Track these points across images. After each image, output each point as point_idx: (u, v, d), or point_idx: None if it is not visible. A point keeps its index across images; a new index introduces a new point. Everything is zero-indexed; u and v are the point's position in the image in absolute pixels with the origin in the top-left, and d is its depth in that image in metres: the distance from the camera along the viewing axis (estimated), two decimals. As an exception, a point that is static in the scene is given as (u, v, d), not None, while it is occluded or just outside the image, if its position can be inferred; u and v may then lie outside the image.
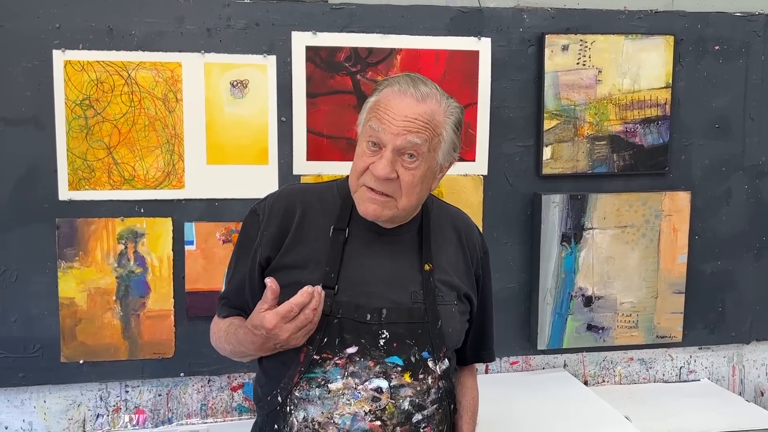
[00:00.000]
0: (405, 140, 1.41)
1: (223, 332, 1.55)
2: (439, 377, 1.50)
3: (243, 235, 1.58)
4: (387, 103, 1.43)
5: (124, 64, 2.12)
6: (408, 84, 1.45)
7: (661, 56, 2.41)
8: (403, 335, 1.47)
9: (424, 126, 1.42)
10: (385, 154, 1.41)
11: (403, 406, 1.44)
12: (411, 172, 1.43)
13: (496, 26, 2.32)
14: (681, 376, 2.63)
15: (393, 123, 1.41)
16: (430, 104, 1.44)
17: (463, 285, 1.60)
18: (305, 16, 2.21)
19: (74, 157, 2.12)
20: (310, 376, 1.44)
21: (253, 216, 1.57)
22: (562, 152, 2.38)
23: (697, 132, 2.49)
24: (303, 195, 1.57)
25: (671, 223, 2.45)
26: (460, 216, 1.70)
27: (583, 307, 2.42)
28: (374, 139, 1.43)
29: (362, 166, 1.45)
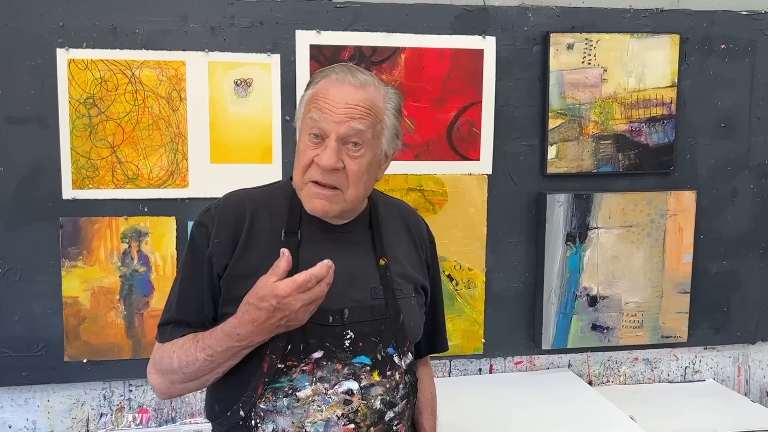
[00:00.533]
0: (348, 127, 1.37)
1: (179, 349, 1.40)
2: (405, 372, 1.47)
3: (191, 250, 1.48)
4: (326, 93, 1.39)
5: (127, 62, 2.11)
6: (345, 72, 1.42)
7: (667, 55, 2.40)
8: (368, 333, 1.43)
9: (366, 112, 1.39)
10: (330, 144, 1.37)
11: (375, 406, 1.41)
12: (357, 160, 1.40)
13: (500, 25, 2.31)
14: (686, 377, 2.62)
15: (334, 111, 1.37)
16: (370, 91, 1.41)
17: (418, 276, 1.57)
18: (309, 15, 2.20)
19: (78, 156, 2.12)
20: (275, 386, 1.38)
21: (200, 228, 1.47)
22: (567, 151, 2.37)
23: (702, 131, 2.48)
24: (250, 201, 1.49)
25: (676, 223, 2.44)
26: (405, 207, 1.68)
27: (588, 307, 2.41)
28: (316, 130, 1.39)
29: (306, 161, 1.40)
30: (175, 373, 1.41)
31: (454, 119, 2.31)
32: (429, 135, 2.30)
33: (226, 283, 1.43)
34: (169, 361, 1.41)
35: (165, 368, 1.42)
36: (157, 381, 1.45)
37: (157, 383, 1.45)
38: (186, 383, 1.42)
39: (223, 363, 1.37)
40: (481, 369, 2.48)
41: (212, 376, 1.40)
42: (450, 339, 2.34)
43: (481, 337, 2.41)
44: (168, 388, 1.45)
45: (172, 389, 1.45)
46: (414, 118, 2.29)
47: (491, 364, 2.48)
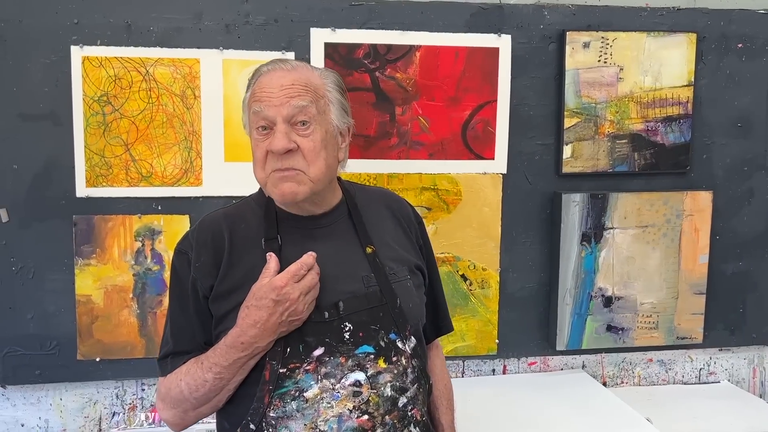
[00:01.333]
0: (290, 106, 1.38)
1: (186, 376, 1.40)
2: (411, 356, 1.45)
3: (175, 280, 1.48)
4: (261, 85, 1.41)
5: (142, 60, 2.11)
6: (275, 63, 1.44)
7: (684, 54, 2.38)
8: (367, 322, 1.41)
9: (304, 89, 1.40)
10: (278, 128, 1.38)
11: (386, 393, 1.38)
12: (309, 138, 1.40)
13: (516, 23, 2.30)
14: (701, 378, 2.60)
15: (273, 96, 1.38)
16: (302, 71, 1.43)
17: (411, 257, 1.56)
18: (324, 13, 2.19)
19: (92, 154, 2.11)
20: (281, 391, 1.36)
21: (180, 256, 1.47)
22: (582, 151, 2.35)
23: (719, 131, 2.46)
24: (225, 219, 1.49)
25: (692, 223, 2.42)
26: (386, 193, 1.68)
27: (603, 308, 2.39)
28: (262, 122, 1.39)
29: (261, 154, 1.41)
30: (186, 401, 1.40)
31: (469, 118, 2.29)
32: (443, 134, 2.29)
33: (214, 303, 1.42)
34: (178, 390, 1.40)
35: (175, 399, 1.42)
36: (170, 414, 1.44)
37: (170, 416, 1.45)
38: (199, 408, 1.42)
39: (231, 379, 1.37)
40: (494, 370, 2.46)
41: (223, 396, 1.39)
42: (463, 339, 2.36)
43: (494, 338, 2.39)
44: (182, 418, 1.44)
45: (186, 418, 1.44)
46: (428, 116, 2.27)
47: (505, 364, 2.46)
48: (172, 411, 1.44)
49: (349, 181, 1.62)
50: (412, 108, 2.26)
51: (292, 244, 1.45)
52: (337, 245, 1.48)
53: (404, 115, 2.26)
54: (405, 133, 2.27)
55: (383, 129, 2.26)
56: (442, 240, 2.32)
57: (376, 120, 2.25)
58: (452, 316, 2.30)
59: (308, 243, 1.45)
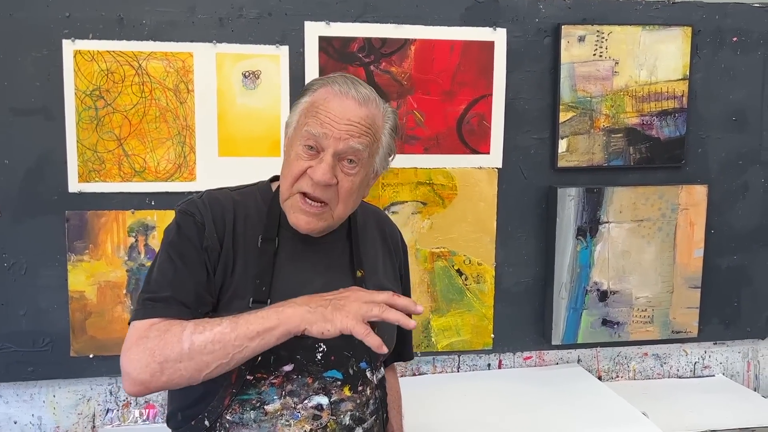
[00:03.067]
0: (347, 145, 1.34)
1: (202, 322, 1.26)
2: (376, 387, 1.45)
3: (181, 237, 1.37)
4: (327, 105, 1.35)
5: (134, 54, 2.09)
6: (348, 85, 1.37)
7: (679, 48, 2.37)
8: (341, 347, 1.37)
9: (366, 130, 1.36)
10: (326, 159, 1.33)
11: (345, 421, 1.38)
12: (351, 178, 1.37)
13: (511, 16, 2.29)
14: (695, 372, 2.60)
15: (335, 126, 1.34)
16: (371, 108, 1.38)
17: (391, 286, 1.54)
18: (318, 6, 2.17)
19: (84, 149, 2.09)
20: (243, 398, 1.33)
21: (187, 216, 1.38)
22: (577, 145, 2.34)
23: (714, 125, 2.46)
24: (233, 202, 1.43)
25: (688, 217, 2.42)
26: (381, 216, 1.66)
27: (598, 302, 2.39)
28: (312, 142, 1.35)
29: (298, 171, 1.36)
30: (177, 344, 1.23)
31: (464, 112, 2.28)
32: (439, 128, 2.28)
33: None
34: (179, 328, 1.25)
35: (166, 342, 1.24)
36: (143, 365, 1.25)
37: (141, 367, 1.25)
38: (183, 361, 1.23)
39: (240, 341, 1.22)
40: (490, 364, 2.46)
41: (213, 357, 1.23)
42: (459, 334, 2.35)
43: (490, 333, 2.39)
44: (153, 372, 1.24)
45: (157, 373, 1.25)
46: (423, 111, 2.26)
47: (500, 359, 2.46)
48: (150, 362, 1.25)
49: None
50: (407, 102, 2.25)
51: (288, 249, 1.43)
52: (330, 263, 1.46)
53: (399, 109, 2.25)
54: (400, 128, 2.26)
55: (378, 123, 2.24)
56: (438, 235, 2.32)
57: (371, 114, 2.23)
58: (447, 311, 2.34)
59: (305, 254, 1.44)
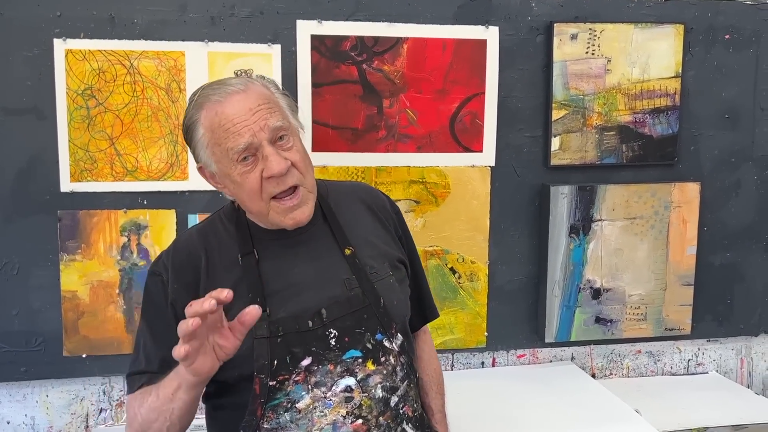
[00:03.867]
0: (269, 128, 1.34)
1: (148, 406, 1.33)
2: (399, 353, 1.44)
3: (148, 302, 1.44)
4: (225, 117, 1.33)
5: (126, 53, 2.08)
6: (217, 89, 1.36)
7: (671, 45, 2.38)
8: (351, 326, 1.40)
9: (268, 105, 1.36)
10: (267, 151, 1.34)
11: (378, 395, 1.38)
12: (293, 149, 1.38)
13: (504, 15, 2.28)
14: (689, 369, 2.61)
15: (247, 122, 1.33)
16: (254, 88, 1.37)
17: (392, 250, 1.55)
18: (310, 4, 2.17)
19: (76, 148, 2.08)
20: (273, 404, 1.34)
21: (153, 278, 1.43)
22: (570, 143, 2.34)
23: (706, 122, 2.46)
24: (199, 238, 1.46)
25: (680, 215, 2.43)
26: (360, 186, 1.66)
27: (592, 300, 2.40)
28: (245, 153, 1.33)
29: (255, 185, 1.35)
30: (141, 427, 1.35)
31: (457, 110, 2.28)
32: (431, 126, 2.28)
33: None
34: (148, 410, 1.34)
35: (131, 418, 1.38)
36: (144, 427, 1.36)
37: None
38: None
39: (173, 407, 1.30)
40: (483, 362, 2.46)
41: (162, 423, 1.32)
42: (452, 332, 2.35)
43: (483, 330, 2.39)
44: None
45: None
46: (416, 109, 2.26)
47: (494, 357, 2.46)
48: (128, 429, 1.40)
49: (321, 179, 1.58)
50: (399, 100, 2.25)
51: (269, 255, 1.43)
52: (316, 251, 1.47)
53: (392, 108, 2.25)
54: (393, 126, 2.26)
55: (371, 122, 2.24)
56: (431, 233, 2.32)
57: (364, 113, 2.23)
58: (441, 309, 2.32)
59: (286, 252, 1.44)
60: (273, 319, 1.37)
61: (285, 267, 1.43)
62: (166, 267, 1.42)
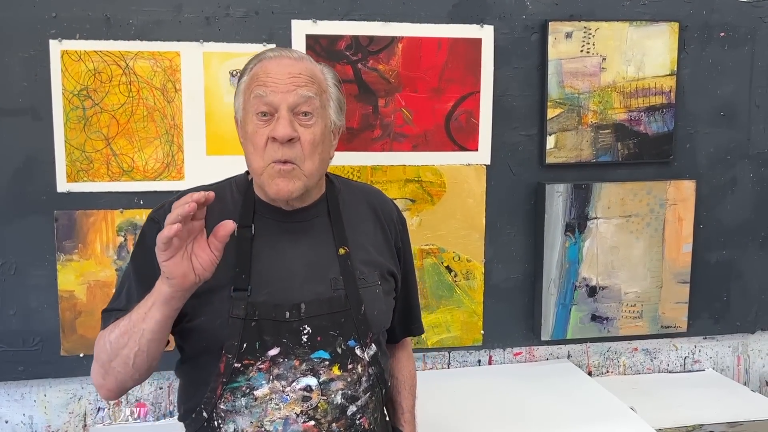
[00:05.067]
0: (297, 95, 1.36)
1: (119, 330, 1.32)
2: (368, 364, 1.44)
3: (141, 245, 1.43)
4: (266, 71, 1.38)
5: (121, 53, 2.09)
6: (279, 50, 1.43)
7: (666, 43, 2.38)
8: (326, 327, 1.39)
9: (310, 80, 1.39)
10: (282, 114, 1.35)
11: (336, 401, 1.38)
12: (310, 129, 1.38)
13: (498, 13, 2.29)
14: (685, 366, 2.61)
15: (280, 82, 1.36)
16: (307, 63, 1.42)
17: (385, 262, 1.54)
18: (305, 4, 2.18)
19: (72, 149, 2.09)
20: (233, 385, 1.35)
21: (151, 224, 1.42)
22: (565, 141, 2.35)
23: (702, 120, 2.46)
24: None
25: (676, 212, 2.43)
26: (372, 191, 1.65)
27: (587, 298, 2.40)
28: (264, 107, 1.36)
29: (262, 141, 1.37)
30: (106, 349, 1.33)
31: (452, 109, 2.29)
32: (427, 125, 2.28)
33: None
34: (109, 346, 1.32)
35: (100, 347, 1.35)
36: (95, 372, 1.38)
37: (95, 374, 1.38)
38: (112, 362, 1.32)
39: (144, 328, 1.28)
40: (480, 360, 2.47)
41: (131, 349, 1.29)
42: (449, 330, 2.36)
43: (480, 329, 2.39)
44: (102, 377, 1.36)
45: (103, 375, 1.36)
46: (411, 108, 2.27)
47: (490, 355, 2.47)
48: (98, 369, 1.37)
49: (338, 176, 1.60)
50: (395, 100, 2.25)
51: (266, 234, 1.44)
52: (311, 243, 1.46)
53: (387, 107, 2.25)
54: (388, 125, 2.26)
55: (366, 121, 2.25)
56: (427, 232, 2.32)
57: (359, 112, 2.24)
58: (437, 307, 2.34)
59: (283, 236, 1.44)
60: (252, 300, 1.37)
61: (277, 250, 1.43)
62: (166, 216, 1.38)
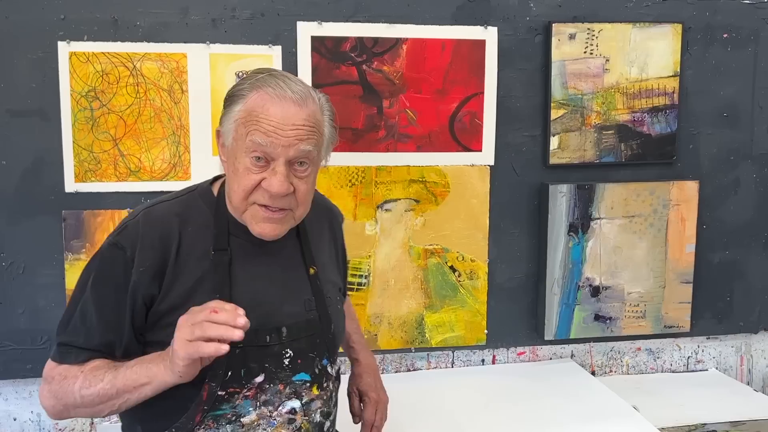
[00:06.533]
0: (298, 150, 1.30)
1: (90, 374, 1.30)
2: (335, 379, 1.48)
3: (104, 275, 1.34)
4: (267, 112, 1.29)
5: (129, 55, 2.11)
6: (281, 86, 1.31)
7: (669, 44, 2.39)
8: (305, 349, 1.40)
9: (312, 130, 1.31)
10: (279, 169, 1.29)
11: (316, 419, 1.41)
12: (305, 180, 1.34)
13: (502, 15, 2.30)
14: (689, 366, 2.62)
15: (281, 134, 1.28)
16: (311, 105, 1.32)
17: (338, 279, 1.57)
18: (310, 6, 2.19)
19: (80, 149, 2.11)
20: (217, 413, 1.32)
21: (115, 250, 1.33)
22: (569, 142, 2.36)
23: (705, 121, 2.47)
24: (172, 217, 1.37)
25: (679, 213, 2.44)
26: (330, 208, 1.66)
27: (591, 297, 2.41)
28: (260, 153, 1.29)
29: (250, 184, 1.31)
30: (71, 394, 1.30)
31: (456, 110, 2.31)
32: (431, 126, 2.30)
33: (154, 316, 1.34)
34: (73, 380, 1.30)
35: (64, 390, 1.31)
36: (50, 403, 1.34)
37: (50, 406, 1.35)
38: (78, 408, 1.32)
39: (121, 392, 1.27)
40: (483, 360, 2.48)
41: (102, 407, 1.30)
42: (453, 330, 2.38)
43: (483, 328, 2.41)
44: (60, 413, 1.35)
45: (64, 413, 1.36)
46: (416, 109, 2.28)
47: (494, 354, 2.48)
48: (56, 403, 1.33)
49: None
50: (399, 101, 2.27)
51: (241, 257, 1.39)
52: (284, 264, 1.45)
53: (392, 108, 2.27)
54: (392, 126, 2.28)
55: (371, 122, 2.27)
56: (431, 232, 2.34)
57: (364, 113, 2.26)
58: (441, 307, 2.37)
59: (259, 259, 1.41)
60: None
61: (253, 273, 1.40)
62: (134, 243, 1.32)
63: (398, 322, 2.36)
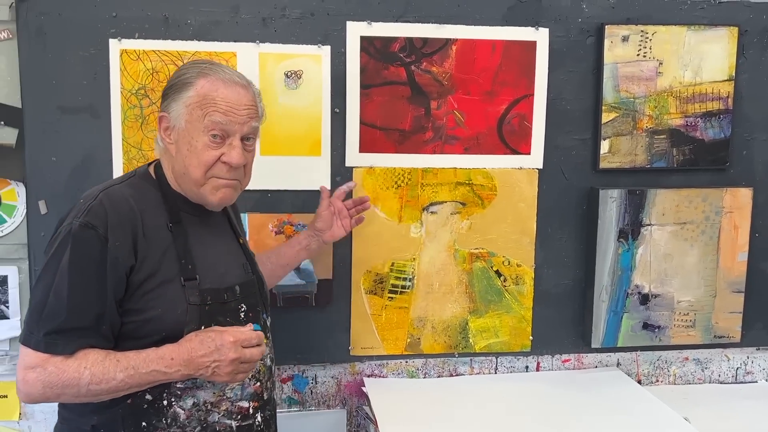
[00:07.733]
0: (250, 127, 1.55)
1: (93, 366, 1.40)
2: (270, 330, 1.73)
3: (80, 255, 1.42)
4: (222, 95, 1.52)
5: (179, 53, 2.11)
6: (227, 72, 1.55)
7: (724, 48, 2.33)
8: (254, 304, 1.64)
9: (255, 110, 1.58)
10: (236, 143, 1.53)
11: (267, 363, 1.65)
12: (252, 153, 1.60)
13: (554, 16, 2.27)
14: (737, 378, 2.55)
15: (237, 113, 1.52)
16: (251, 88, 1.59)
17: None
18: (360, 6, 2.18)
19: (129, 147, 2.12)
20: None
21: (87, 230, 1.43)
22: (620, 146, 2.31)
23: (759, 126, 2.41)
24: (128, 197, 1.51)
25: (732, 220, 2.38)
26: None
27: (639, 306, 2.36)
28: (217, 131, 1.52)
29: (211, 159, 1.52)
30: (75, 387, 1.40)
31: (505, 112, 2.27)
32: (479, 128, 2.27)
33: (132, 285, 1.47)
34: (76, 375, 1.39)
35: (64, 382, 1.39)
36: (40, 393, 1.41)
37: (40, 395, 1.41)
38: (79, 397, 1.42)
39: (134, 387, 1.44)
40: (528, 366, 2.44)
41: (108, 397, 1.44)
42: (497, 335, 2.35)
43: (528, 335, 2.37)
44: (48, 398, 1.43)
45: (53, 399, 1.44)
46: (464, 110, 2.25)
47: (539, 361, 2.44)
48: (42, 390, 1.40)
49: None
50: (447, 102, 2.24)
51: (191, 228, 1.59)
52: (221, 234, 1.70)
53: (439, 110, 2.24)
54: (440, 128, 2.25)
55: (418, 123, 2.24)
56: (477, 235, 2.31)
57: (411, 114, 2.23)
58: (486, 312, 2.35)
59: (205, 230, 1.62)
60: (201, 287, 1.53)
61: (204, 242, 1.60)
62: (103, 222, 1.45)
63: (442, 327, 2.33)
